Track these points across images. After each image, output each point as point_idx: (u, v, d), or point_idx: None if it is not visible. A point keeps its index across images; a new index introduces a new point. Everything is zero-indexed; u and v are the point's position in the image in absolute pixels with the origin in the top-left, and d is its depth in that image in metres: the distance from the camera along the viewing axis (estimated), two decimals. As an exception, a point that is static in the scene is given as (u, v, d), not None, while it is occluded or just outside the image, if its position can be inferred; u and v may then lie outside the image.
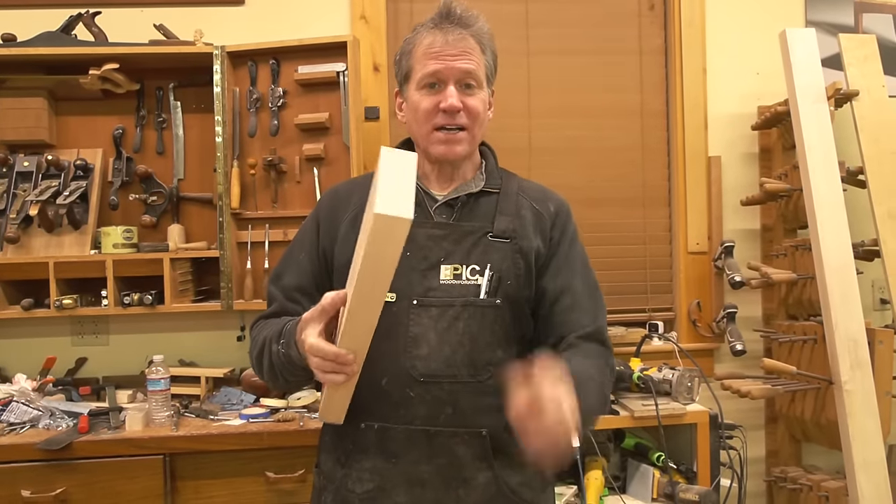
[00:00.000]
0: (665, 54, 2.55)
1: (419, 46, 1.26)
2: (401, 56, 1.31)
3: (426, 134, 1.27)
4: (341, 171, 2.15)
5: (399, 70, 1.32)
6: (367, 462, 1.20)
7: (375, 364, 1.12)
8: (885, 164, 2.26)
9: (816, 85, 2.20)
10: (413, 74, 1.27)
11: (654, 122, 2.55)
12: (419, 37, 1.27)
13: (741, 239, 2.49)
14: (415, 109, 1.27)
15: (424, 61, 1.24)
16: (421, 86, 1.25)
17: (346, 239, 1.24)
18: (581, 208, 2.50)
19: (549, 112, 2.51)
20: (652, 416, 2.06)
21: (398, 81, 1.34)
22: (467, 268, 1.23)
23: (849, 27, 2.58)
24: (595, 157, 2.52)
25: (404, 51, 1.30)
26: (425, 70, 1.24)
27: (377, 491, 1.20)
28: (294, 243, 1.37)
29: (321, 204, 1.37)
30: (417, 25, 1.31)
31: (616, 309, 2.50)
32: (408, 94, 1.29)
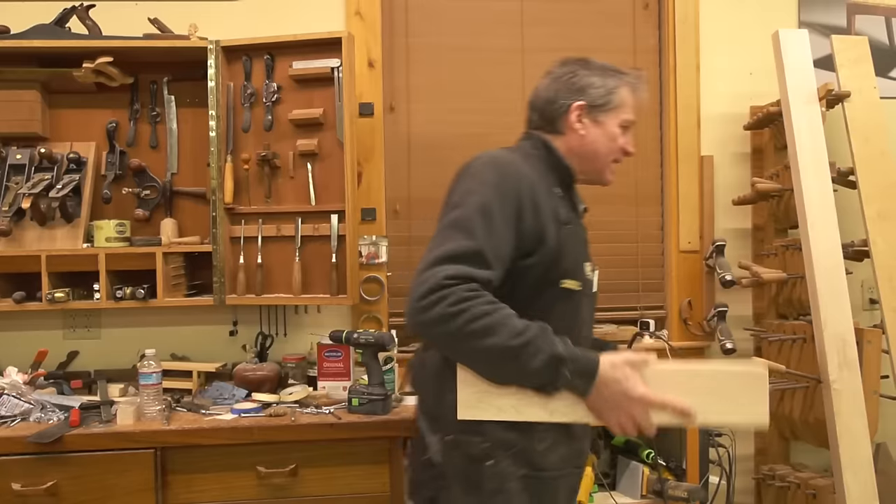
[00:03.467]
0: (659, 53, 2.56)
1: (630, 95, 1.52)
2: (607, 85, 1.49)
3: (608, 162, 1.53)
4: (335, 167, 2.15)
5: (602, 94, 1.48)
6: (542, 424, 1.31)
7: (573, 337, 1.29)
8: (875, 165, 2.27)
9: (808, 86, 2.21)
10: (619, 112, 1.50)
11: (647, 121, 2.56)
12: (632, 87, 1.53)
13: (732, 238, 2.50)
14: (611, 139, 1.50)
15: (631, 110, 1.52)
16: (623, 125, 1.50)
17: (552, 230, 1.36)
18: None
19: (543, 110, 2.52)
20: (642, 413, 2.07)
21: (595, 101, 1.48)
22: (591, 265, 1.51)
23: (841, 28, 2.60)
24: (588, 155, 2.53)
25: (613, 85, 1.50)
26: (630, 118, 1.52)
27: (554, 444, 1.36)
28: (485, 214, 1.26)
29: (521, 186, 1.33)
30: (613, 71, 1.53)
31: (608, 307, 2.51)
32: (604, 121, 1.49)
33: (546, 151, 1.48)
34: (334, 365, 2.14)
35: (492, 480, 1.31)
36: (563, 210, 1.41)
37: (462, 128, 2.49)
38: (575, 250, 1.41)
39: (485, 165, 1.35)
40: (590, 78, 1.49)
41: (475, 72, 2.50)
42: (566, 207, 1.44)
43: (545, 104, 1.51)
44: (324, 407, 1.99)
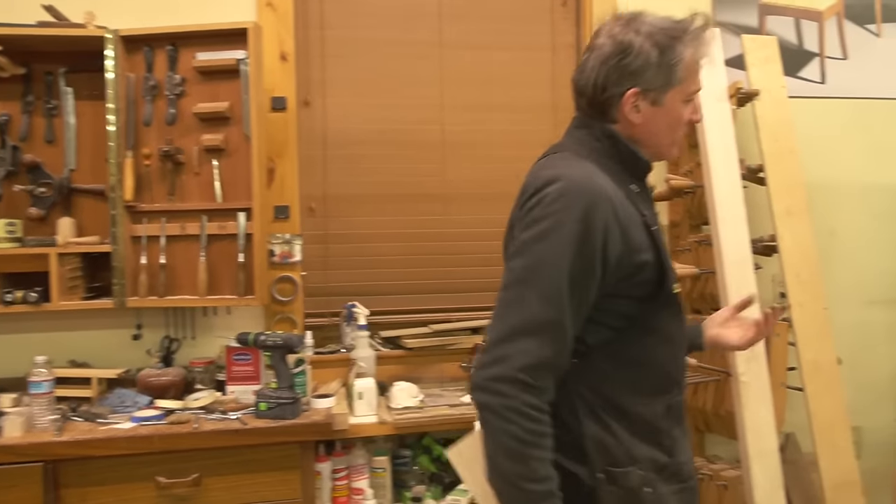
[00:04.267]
0: (577, 50, 2.56)
1: (695, 58, 1.24)
2: (667, 59, 1.21)
3: (672, 140, 1.29)
4: (241, 163, 2.08)
5: (662, 72, 1.22)
6: (677, 431, 1.26)
7: (675, 343, 1.26)
8: (783, 163, 2.33)
9: (719, 84, 2.25)
10: (684, 86, 1.24)
11: (566, 118, 2.51)
12: (697, 46, 1.23)
13: (649, 234, 2.52)
14: (676, 119, 1.26)
15: (695, 77, 1.25)
16: (686, 99, 1.26)
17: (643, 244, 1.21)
18: (494, 204, 2.50)
19: (462, 106, 2.49)
20: (557, 410, 2.07)
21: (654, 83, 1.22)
22: None
23: (753, 28, 2.65)
24: (507, 152, 2.52)
25: (674, 56, 1.21)
26: (697, 86, 1.26)
27: (686, 452, 1.28)
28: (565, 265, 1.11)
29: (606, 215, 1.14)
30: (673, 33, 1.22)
31: (527, 304, 2.51)
32: (665, 102, 1.23)
33: (611, 143, 1.25)
34: (244, 368, 2.06)
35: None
36: (646, 211, 1.24)
37: (380, 123, 2.44)
38: (665, 250, 1.24)
39: (562, 194, 1.14)
40: (645, 54, 1.20)
41: (393, 66, 2.46)
42: (646, 205, 1.27)
43: (594, 91, 1.25)
44: (231, 412, 1.91)
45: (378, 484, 2.06)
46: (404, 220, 2.46)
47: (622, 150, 1.25)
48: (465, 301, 2.47)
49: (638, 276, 1.18)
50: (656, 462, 1.22)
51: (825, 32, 2.72)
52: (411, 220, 2.46)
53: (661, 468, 1.22)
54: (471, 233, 2.49)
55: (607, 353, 1.19)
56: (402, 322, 2.40)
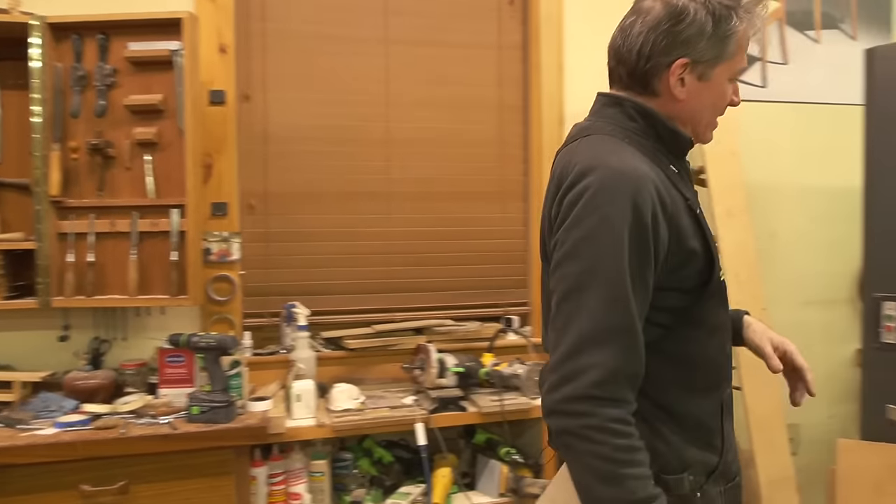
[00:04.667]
0: (524, 50, 2.55)
1: (747, 34, 1.14)
2: (722, 30, 1.11)
3: (711, 121, 1.19)
4: (175, 158, 2.00)
5: (714, 44, 1.11)
6: (727, 428, 1.21)
7: (724, 333, 1.19)
8: (725, 164, 2.36)
9: (661, 85, 2.26)
10: (733, 62, 1.14)
11: (511, 117, 2.55)
12: (751, 21, 1.14)
13: (594, 234, 2.53)
14: (720, 96, 1.16)
15: (744, 54, 1.16)
16: (732, 77, 1.16)
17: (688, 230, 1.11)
18: (439, 202, 2.48)
19: (407, 103, 2.46)
20: (500, 411, 2.06)
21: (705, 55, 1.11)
22: None
23: (697, 32, 2.68)
24: (453, 150, 2.49)
25: (728, 28, 1.11)
26: (743, 64, 1.16)
27: (734, 449, 1.23)
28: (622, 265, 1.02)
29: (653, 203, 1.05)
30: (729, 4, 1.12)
31: (471, 304, 2.49)
32: (713, 77, 1.13)
33: (648, 122, 1.15)
34: (177, 371, 1.99)
35: None
36: (688, 194, 1.15)
37: (323, 119, 2.39)
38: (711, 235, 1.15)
39: (604, 185, 1.03)
40: (700, 22, 1.10)
41: (337, 61, 2.41)
42: (687, 187, 1.17)
43: (637, 60, 1.13)
44: (162, 417, 1.84)
45: (316, 488, 2.01)
46: (348, 219, 2.41)
47: (660, 128, 1.15)
48: (409, 301, 2.44)
49: (687, 266, 1.09)
50: (707, 465, 1.16)
51: (767, 37, 2.77)
52: (355, 218, 2.42)
53: (711, 470, 1.16)
54: (416, 232, 2.46)
55: (655, 352, 1.08)
56: (345, 322, 2.36)
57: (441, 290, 2.47)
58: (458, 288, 2.49)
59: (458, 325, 2.39)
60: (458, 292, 2.49)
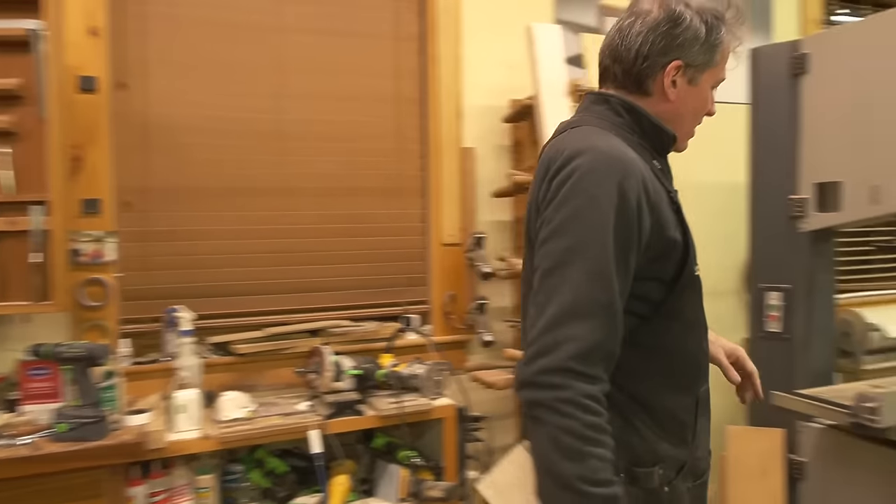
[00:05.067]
0: (421, 41, 2.49)
1: (727, 46, 1.21)
2: (712, 39, 1.18)
3: (691, 128, 1.25)
4: (36, 149, 1.81)
5: (706, 50, 1.18)
6: (700, 425, 1.23)
7: (701, 328, 1.22)
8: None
9: (559, 80, 2.26)
10: (716, 70, 1.21)
11: (409, 110, 2.48)
12: (734, 37, 1.22)
13: (494, 231, 2.51)
14: (703, 102, 1.23)
15: (724, 65, 1.23)
16: (714, 84, 1.23)
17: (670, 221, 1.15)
18: (334, 198, 2.38)
19: (301, 95, 2.34)
20: (399, 413, 1.99)
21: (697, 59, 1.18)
22: None
23: (593, 29, 2.70)
24: (349, 144, 2.40)
25: (718, 38, 1.19)
26: (724, 76, 1.23)
27: (706, 446, 1.26)
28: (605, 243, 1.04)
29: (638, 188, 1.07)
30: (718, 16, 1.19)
31: (370, 303, 2.41)
32: (700, 81, 1.20)
33: (634, 117, 1.19)
34: (41, 385, 1.80)
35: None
36: (670, 188, 1.19)
37: (211, 110, 2.24)
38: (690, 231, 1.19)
39: (592, 167, 1.06)
40: (695, 28, 1.17)
41: (225, 49, 2.26)
42: (668, 181, 1.21)
43: (635, 58, 1.17)
44: (23, 437, 1.66)
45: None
46: (238, 216, 2.27)
47: (645, 124, 1.19)
48: (304, 301, 2.33)
49: (667, 256, 1.13)
50: (678, 460, 1.18)
51: (658, 36, 2.83)
52: (246, 215, 2.28)
53: (681, 466, 1.18)
54: (310, 229, 2.35)
55: (633, 344, 1.10)
56: (234, 326, 2.22)
57: (337, 289, 2.38)
58: (356, 287, 2.40)
59: (356, 326, 2.30)
60: (356, 291, 2.40)
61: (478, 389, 2.27)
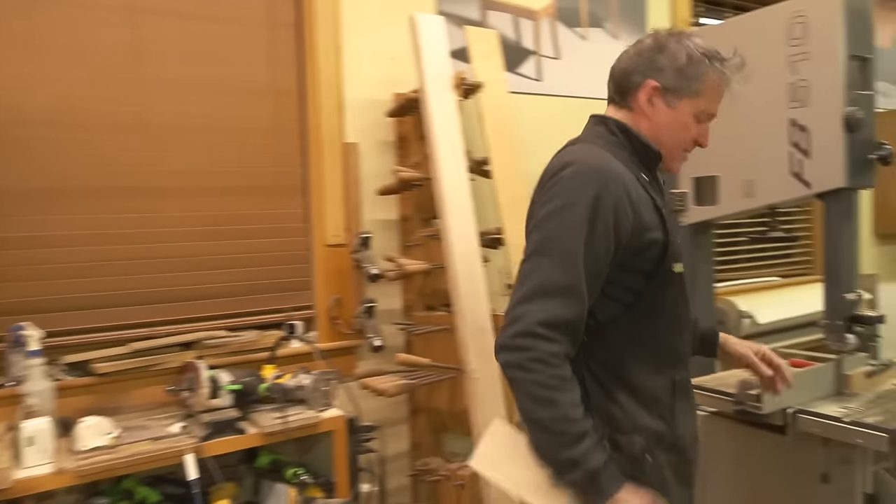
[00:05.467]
0: (297, 29, 2.34)
1: (718, 84, 1.38)
2: (692, 70, 1.36)
3: (675, 150, 1.41)
4: None
5: (683, 78, 1.36)
6: (680, 405, 1.38)
7: (681, 321, 1.40)
8: (506, 156, 2.34)
9: (444, 73, 2.19)
10: (698, 101, 1.37)
11: (287, 103, 2.33)
12: (722, 76, 1.37)
13: (380, 230, 2.40)
14: (681, 127, 1.39)
15: (715, 100, 1.39)
16: (697, 116, 1.39)
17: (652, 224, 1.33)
18: (206, 198, 2.19)
19: (165, 84, 2.13)
20: (284, 429, 1.85)
21: (672, 86, 1.37)
22: None
23: (476, 22, 2.66)
24: (221, 139, 2.22)
25: (699, 70, 1.36)
26: (710, 110, 1.39)
27: (687, 425, 1.40)
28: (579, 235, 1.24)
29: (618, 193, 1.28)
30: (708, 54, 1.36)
31: (249, 311, 2.24)
32: (678, 107, 1.38)
33: (626, 136, 1.40)
34: None
35: (653, 475, 1.32)
36: (656, 196, 1.36)
37: (59, 100, 1.99)
38: (674, 232, 1.37)
39: (577, 175, 1.28)
40: (675, 57, 1.36)
41: (78, 29, 2.01)
42: (656, 191, 1.39)
43: (621, 76, 1.41)
44: None
45: (60, 547, 1.66)
46: (95, 219, 2.04)
47: (633, 140, 1.38)
48: (175, 312, 2.13)
49: (646, 253, 1.31)
50: (657, 432, 1.33)
51: (540, 32, 2.83)
52: (105, 218, 2.05)
53: (660, 438, 1.33)
54: (180, 232, 2.15)
55: (616, 328, 1.32)
56: (94, 342, 1.99)
57: (212, 297, 2.19)
58: (233, 294, 2.22)
59: (234, 336, 2.13)
60: (233, 299, 2.22)
61: (368, 397, 2.16)
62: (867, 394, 1.88)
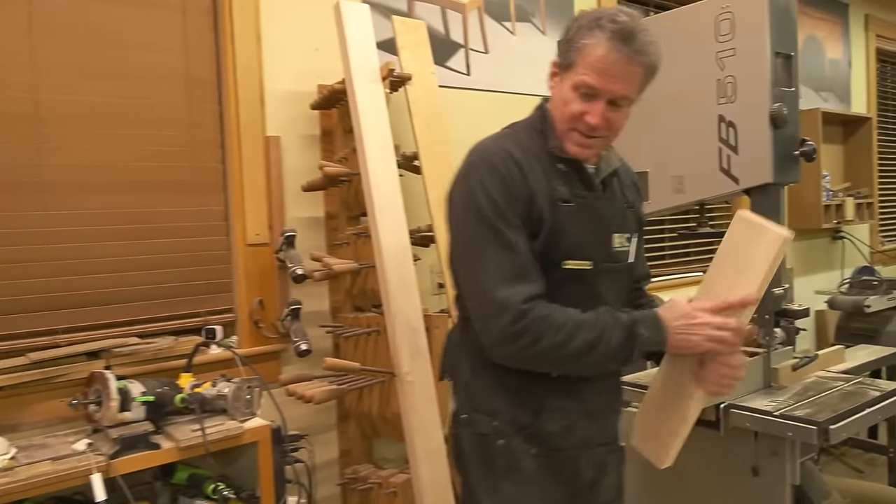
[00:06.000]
0: (214, 14, 2.20)
1: (590, 53, 1.28)
2: (568, 42, 1.32)
3: (566, 129, 1.36)
4: None
5: (562, 53, 1.34)
6: (557, 403, 1.38)
7: None
8: (436, 151, 2.27)
9: (371, 63, 2.10)
10: (573, 73, 1.31)
11: (203, 94, 2.18)
12: (593, 41, 1.28)
13: (306, 228, 2.29)
14: (564, 103, 1.34)
15: (588, 71, 1.29)
16: (577, 90, 1.31)
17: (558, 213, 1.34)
18: (114, 195, 2.02)
19: (64, 70, 1.95)
20: (203, 442, 1.72)
21: (560, 61, 1.36)
22: (625, 236, 1.44)
23: (403, 13, 2.57)
24: (130, 131, 2.05)
25: (572, 41, 1.31)
26: (585, 80, 1.29)
27: (572, 424, 1.40)
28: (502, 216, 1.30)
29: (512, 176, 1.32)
30: (595, 21, 1.28)
31: (164, 315, 2.09)
32: (563, 82, 1.34)
33: (539, 113, 1.42)
34: None
35: (503, 458, 1.37)
36: (562, 188, 1.34)
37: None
38: (580, 228, 1.35)
39: (475, 162, 1.35)
40: (566, 30, 1.34)
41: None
42: (569, 184, 1.36)
43: None
44: None
45: (-54, 584, 1.48)
46: (-17, 218, 1.85)
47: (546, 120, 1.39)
48: (80, 318, 1.95)
49: (535, 242, 1.31)
50: (518, 422, 1.37)
51: (469, 25, 2.78)
52: (-3, 217, 1.86)
53: (521, 427, 1.37)
54: (85, 232, 1.97)
55: None
56: (-14, 353, 1.81)
57: (123, 301, 2.02)
58: (145, 298, 2.06)
59: (147, 343, 1.98)
60: (146, 303, 2.06)
61: (295, 404, 2.05)
62: (794, 386, 1.92)
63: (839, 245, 4.43)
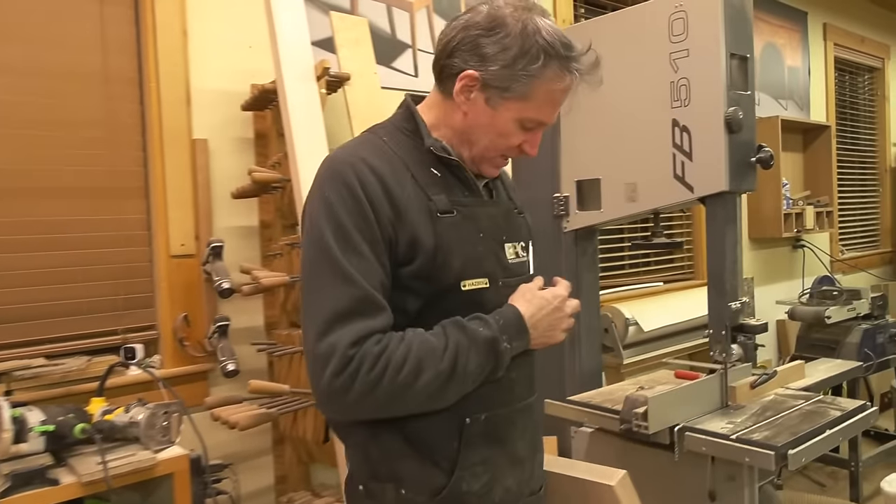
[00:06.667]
0: (135, 9, 2.04)
1: (555, 88, 1.12)
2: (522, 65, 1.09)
3: (490, 154, 1.18)
4: None
5: (510, 75, 1.10)
6: (477, 455, 1.15)
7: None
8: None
9: (304, 59, 1.95)
10: (525, 106, 1.12)
11: (123, 92, 2.02)
12: (551, 71, 1.10)
13: (237, 238, 2.13)
14: (501, 133, 1.15)
15: (547, 107, 1.14)
16: (522, 123, 1.14)
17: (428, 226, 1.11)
18: (24, 201, 1.85)
19: (-36, 66, 1.78)
20: (109, 476, 1.55)
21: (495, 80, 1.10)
22: (519, 245, 1.25)
23: (346, 10, 2.44)
24: (41, 132, 1.88)
25: (532, 68, 1.09)
26: (541, 118, 1.15)
27: (491, 482, 1.16)
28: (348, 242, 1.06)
29: (367, 191, 1.07)
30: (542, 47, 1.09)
31: (77, 334, 1.91)
32: (500, 108, 1.12)
33: (404, 114, 1.20)
34: None
35: None
36: (438, 196, 1.12)
37: None
38: (468, 242, 1.13)
39: (323, 177, 1.11)
40: (507, 47, 1.08)
41: None
42: (447, 190, 1.14)
43: (442, 52, 1.14)
44: None
45: None
46: None
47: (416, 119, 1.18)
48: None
49: (413, 266, 1.09)
50: (429, 483, 1.12)
51: (417, 24, 2.65)
52: None
53: (436, 491, 1.12)
54: (-15, 242, 1.80)
55: None
56: None
57: (28, 318, 1.85)
58: (55, 314, 1.88)
59: (54, 365, 1.80)
60: (55, 320, 1.88)
61: (221, 430, 1.89)
62: (753, 405, 1.82)
63: (800, 254, 4.40)
